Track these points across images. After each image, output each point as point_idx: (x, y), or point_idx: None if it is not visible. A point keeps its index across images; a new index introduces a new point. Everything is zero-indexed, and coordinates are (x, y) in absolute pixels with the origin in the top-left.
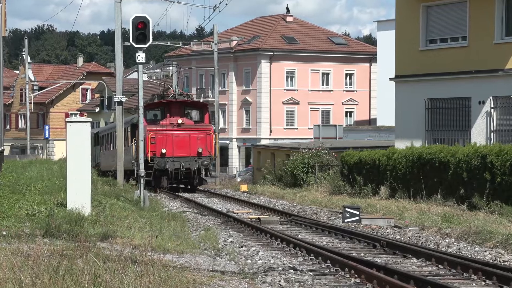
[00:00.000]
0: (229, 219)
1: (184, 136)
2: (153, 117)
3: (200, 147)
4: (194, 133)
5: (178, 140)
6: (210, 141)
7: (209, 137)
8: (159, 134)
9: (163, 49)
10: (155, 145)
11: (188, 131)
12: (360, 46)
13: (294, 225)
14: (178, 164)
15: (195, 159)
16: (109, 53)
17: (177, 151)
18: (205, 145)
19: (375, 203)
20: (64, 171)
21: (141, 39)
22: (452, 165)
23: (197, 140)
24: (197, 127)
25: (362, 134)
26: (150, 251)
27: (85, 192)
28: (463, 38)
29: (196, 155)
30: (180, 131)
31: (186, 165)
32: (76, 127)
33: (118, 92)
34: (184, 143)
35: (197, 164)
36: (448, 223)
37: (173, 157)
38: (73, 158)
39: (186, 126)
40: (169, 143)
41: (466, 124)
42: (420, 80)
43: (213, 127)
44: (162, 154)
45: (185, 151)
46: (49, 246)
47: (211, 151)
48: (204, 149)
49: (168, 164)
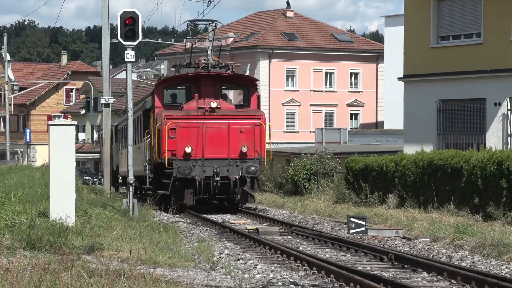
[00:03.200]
0: (225, 230)
1: (220, 128)
2: (171, 98)
3: (244, 145)
4: (235, 123)
5: (211, 134)
6: (260, 135)
7: (258, 129)
8: (182, 124)
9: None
10: (175, 141)
11: (227, 119)
12: (366, 44)
13: (295, 237)
14: (211, 170)
15: (236, 163)
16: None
17: (209, 150)
18: (252, 141)
19: (382, 213)
20: (46, 178)
21: (130, 35)
22: (465, 171)
23: (240, 134)
24: (240, 114)
25: (368, 138)
26: (139, 264)
27: (70, 201)
28: (477, 35)
29: (239, 157)
30: (214, 120)
31: (222, 172)
32: (60, 130)
33: (105, 93)
34: (221, 139)
35: (240, 171)
36: (461, 235)
37: (203, 160)
38: (56, 164)
39: (224, 113)
40: (197, 138)
41: (481, 127)
42: (431, 80)
43: (264, 114)
44: (186, 155)
45: (221, 150)
46: (30, 259)
47: (261, 151)
48: (251, 148)
49: (196, 171)
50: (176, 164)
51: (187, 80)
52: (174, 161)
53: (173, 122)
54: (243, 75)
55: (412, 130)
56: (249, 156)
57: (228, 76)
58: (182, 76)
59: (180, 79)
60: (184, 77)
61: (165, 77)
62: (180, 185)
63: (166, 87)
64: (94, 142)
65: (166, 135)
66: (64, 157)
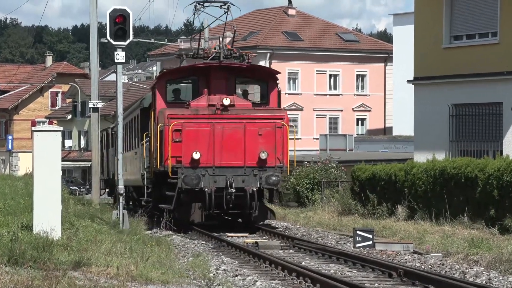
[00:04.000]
0: (222, 244)
1: (234, 129)
2: (175, 94)
3: (263, 150)
4: (253, 124)
5: (224, 137)
6: (282, 139)
7: (280, 131)
8: (190, 125)
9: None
10: (180, 145)
11: (243, 119)
12: (374, 43)
13: (298, 251)
14: (223, 180)
15: (254, 171)
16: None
17: (221, 156)
18: (273, 146)
19: (391, 225)
20: (30, 188)
21: (120, 35)
22: (480, 181)
23: (259, 137)
24: (259, 113)
25: (376, 145)
26: (130, 281)
27: (55, 213)
28: (493, 34)
29: (257, 165)
30: (227, 120)
31: (237, 183)
32: (45, 137)
33: (93, 96)
34: (235, 142)
35: (258, 181)
36: (476, 249)
37: (214, 168)
38: (40, 173)
39: (239, 111)
40: (207, 141)
41: (497, 133)
42: (443, 82)
43: (287, 113)
44: (193, 162)
45: (236, 156)
46: (12, 276)
47: (283, 158)
48: (271, 154)
49: (205, 181)
50: (182, 173)
51: (195, 72)
52: (180, 169)
53: (178, 122)
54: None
55: (423, 137)
56: (269, 163)
57: (244, 68)
58: (189, 68)
59: (187, 71)
60: (192, 69)
61: (169, 69)
62: (186, 198)
63: (169, 81)
64: (82, 149)
65: (170, 137)
66: (49, 165)
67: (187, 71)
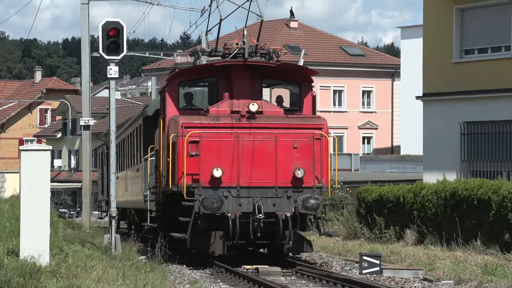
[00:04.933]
0: (220, 270)
1: (264, 141)
2: (187, 100)
3: (300, 167)
4: (287, 135)
5: (251, 150)
6: (322, 153)
7: (319, 144)
8: (209, 135)
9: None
10: (197, 160)
11: (274, 129)
12: (380, 58)
13: (300, 277)
14: (250, 203)
15: (287, 193)
16: (74, 66)
17: (247, 174)
18: (311, 161)
19: (399, 250)
20: (16, 211)
21: (113, 48)
22: (494, 203)
23: (294, 151)
24: (293, 122)
25: (383, 165)
26: None
27: (43, 237)
28: (506, 48)
29: (291, 185)
30: (255, 130)
31: (267, 207)
32: (33, 156)
33: (85, 113)
34: (265, 157)
35: (292, 205)
36: (490, 276)
37: (239, 188)
38: (28, 195)
39: (269, 120)
40: (231, 155)
41: (511, 153)
42: (454, 99)
43: (326, 122)
44: (214, 181)
45: (265, 174)
46: None
47: (322, 176)
48: (309, 171)
49: (228, 204)
50: (200, 194)
51: (214, 72)
52: (197, 190)
53: (195, 132)
54: (294, 65)
55: (432, 156)
56: (306, 183)
57: (273, 67)
58: (206, 67)
59: (204, 70)
60: (210, 68)
61: (182, 68)
62: (204, 225)
63: (182, 83)
64: (72, 169)
65: (185, 151)
66: (37, 186)
67: (205, 71)
